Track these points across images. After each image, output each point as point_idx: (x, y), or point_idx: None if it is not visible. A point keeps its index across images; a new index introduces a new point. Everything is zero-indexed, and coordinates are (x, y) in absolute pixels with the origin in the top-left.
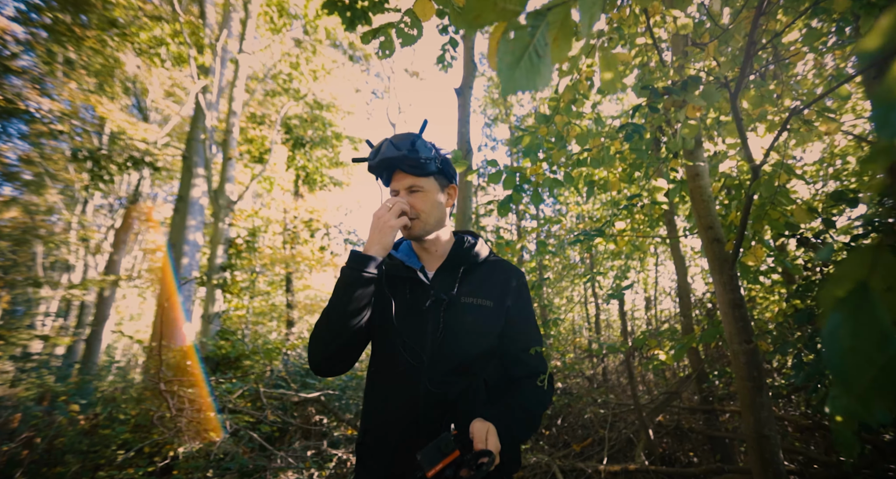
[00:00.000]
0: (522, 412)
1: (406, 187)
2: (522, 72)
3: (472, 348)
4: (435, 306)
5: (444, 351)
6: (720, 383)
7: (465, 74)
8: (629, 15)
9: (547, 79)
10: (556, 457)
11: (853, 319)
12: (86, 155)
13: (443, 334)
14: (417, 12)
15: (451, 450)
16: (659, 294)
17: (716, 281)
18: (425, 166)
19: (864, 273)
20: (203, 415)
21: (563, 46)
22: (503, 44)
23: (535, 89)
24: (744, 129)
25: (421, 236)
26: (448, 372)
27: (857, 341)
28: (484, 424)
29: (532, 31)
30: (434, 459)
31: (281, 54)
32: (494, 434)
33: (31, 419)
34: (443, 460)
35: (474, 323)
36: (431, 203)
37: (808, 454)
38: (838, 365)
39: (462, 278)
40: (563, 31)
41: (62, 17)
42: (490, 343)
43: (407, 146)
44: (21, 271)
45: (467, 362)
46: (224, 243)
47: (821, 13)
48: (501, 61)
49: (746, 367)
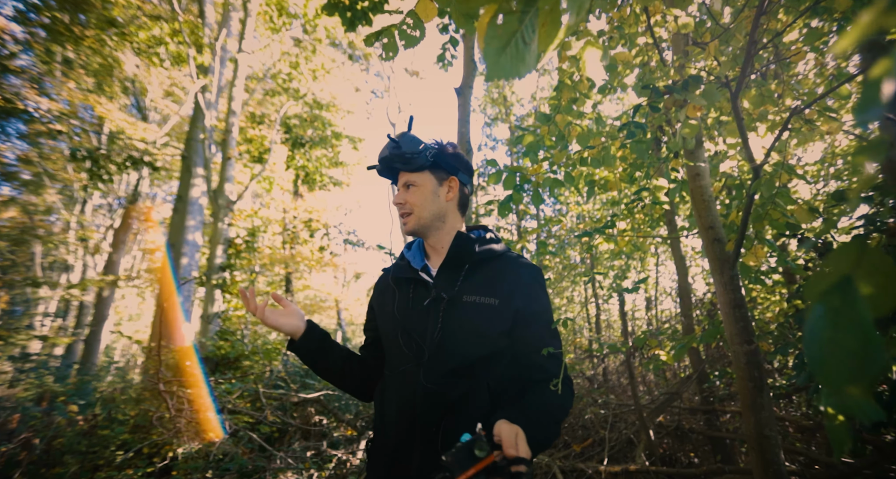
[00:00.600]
0: (546, 415)
1: (403, 184)
2: (508, 58)
3: (473, 349)
4: (434, 305)
5: (443, 351)
6: (721, 384)
7: (465, 74)
8: (630, 14)
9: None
10: (556, 458)
11: (834, 311)
12: (85, 155)
13: (440, 334)
14: (420, 13)
15: (486, 454)
16: (660, 294)
17: (716, 281)
18: (413, 161)
19: (849, 267)
20: (202, 416)
21: (552, 33)
22: (491, 29)
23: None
24: (745, 128)
25: (416, 231)
26: (447, 373)
27: (837, 333)
28: (512, 427)
29: (522, 16)
30: (465, 462)
31: (280, 54)
32: (524, 439)
33: (29, 420)
34: (475, 465)
35: (474, 323)
36: (424, 197)
37: (809, 455)
38: (816, 356)
39: (467, 276)
40: (552, 17)
41: (61, 17)
42: (494, 344)
43: (391, 144)
44: (20, 271)
45: (467, 364)
46: (223, 243)
47: (822, 12)
48: (488, 46)
49: (747, 367)
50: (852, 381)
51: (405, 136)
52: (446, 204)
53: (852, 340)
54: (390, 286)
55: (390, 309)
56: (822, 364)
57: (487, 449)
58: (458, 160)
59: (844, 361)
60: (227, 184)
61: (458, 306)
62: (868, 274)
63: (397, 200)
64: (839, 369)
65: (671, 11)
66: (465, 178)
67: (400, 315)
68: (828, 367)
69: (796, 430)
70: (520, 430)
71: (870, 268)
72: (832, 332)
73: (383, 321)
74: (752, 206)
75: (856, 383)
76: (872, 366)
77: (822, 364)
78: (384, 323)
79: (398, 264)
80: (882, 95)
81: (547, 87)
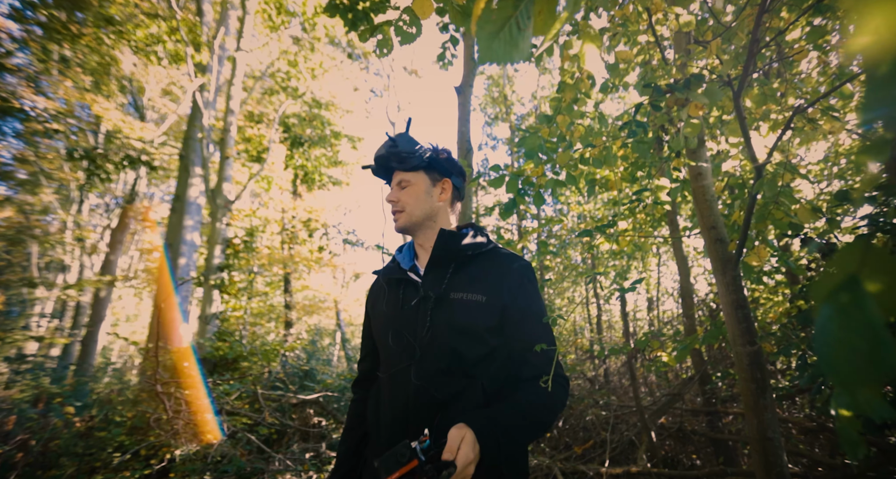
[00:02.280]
0: (519, 417)
1: (396, 182)
2: (501, 43)
3: (462, 346)
4: (422, 304)
5: (433, 349)
6: (723, 385)
7: (466, 72)
8: (631, 12)
9: (524, 53)
10: (557, 460)
11: (843, 311)
12: (81, 154)
13: (429, 332)
14: (416, 10)
15: (407, 460)
16: (661, 295)
17: (719, 282)
18: (408, 160)
19: (855, 267)
20: (200, 417)
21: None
22: (485, 13)
23: (512, 62)
24: (747, 128)
25: (407, 228)
26: (438, 372)
27: (846, 333)
28: (461, 430)
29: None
30: (391, 467)
31: (279, 52)
32: (469, 443)
33: (25, 422)
34: (399, 469)
35: (463, 320)
36: (417, 196)
37: (812, 457)
38: (827, 356)
39: (454, 273)
40: (548, 4)
41: (57, 14)
42: (484, 341)
43: (388, 143)
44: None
45: (459, 362)
46: (221, 243)
47: (825, 10)
48: (481, 30)
49: (750, 368)
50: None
51: (402, 136)
52: (438, 204)
53: (862, 340)
54: (382, 289)
55: (381, 310)
56: (834, 365)
57: (410, 455)
58: (452, 164)
59: (855, 361)
60: (225, 183)
61: (446, 304)
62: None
63: (391, 197)
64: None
65: (673, 9)
66: (458, 181)
67: (390, 316)
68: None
69: (799, 432)
70: (468, 434)
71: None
72: (842, 332)
73: (376, 324)
74: (754, 206)
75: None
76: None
77: (833, 365)
78: (377, 325)
79: (389, 266)
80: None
81: (548, 86)
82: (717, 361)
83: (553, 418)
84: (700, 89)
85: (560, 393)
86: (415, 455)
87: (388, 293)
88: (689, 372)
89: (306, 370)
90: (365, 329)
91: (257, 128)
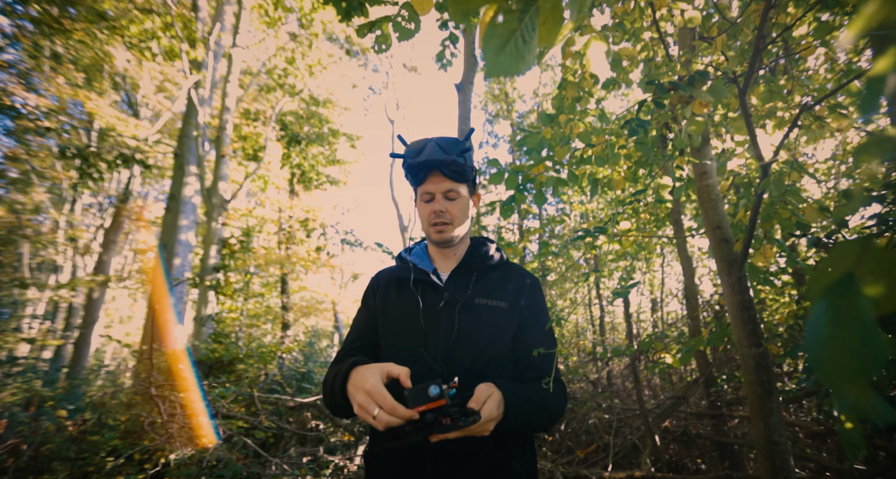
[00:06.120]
0: (539, 398)
1: (443, 191)
2: (507, 56)
3: (486, 350)
4: (448, 307)
5: (457, 352)
6: (729, 388)
7: (466, 70)
8: (634, 8)
9: (530, 64)
10: (559, 464)
11: (836, 307)
12: (74, 152)
13: (457, 335)
14: (415, 6)
15: (437, 398)
16: (665, 296)
17: (724, 282)
18: (467, 174)
19: (851, 264)
20: (195, 421)
21: (553, 30)
22: (490, 28)
23: (519, 74)
24: (753, 125)
25: (452, 242)
26: (462, 375)
27: (837, 329)
28: (489, 388)
29: (521, 15)
30: (419, 399)
31: (276, 49)
32: (495, 400)
33: (17, 426)
34: (427, 403)
35: (489, 323)
36: (463, 209)
37: (819, 461)
38: (816, 351)
39: (477, 280)
40: (553, 16)
41: (49, 9)
42: (505, 346)
43: (457, 152)
44: (7, 272)
45: (481, 365)
46: (217, 243)
47: (832, 5)
48: (487, 45)
49: (756, 371)
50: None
51: (470, 148)
52: (470, 218)
53: (852, 337)
54: (392, 288)
55: (397, 311)
56: (822, 361)
57: (441, 395)
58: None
59: (844, 358)
60: (220, 182)
61: (472, 309)
62: (871, 271)
63: (440, 207)
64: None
65: (677, 5)
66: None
67: (412, 317)
68: (827, 364)
69: (807, 435)
70: (496, 392)
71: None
72: (833, 329)
73: (391, 324)
74: (760, 205)
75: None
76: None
77: (821, 361)
78: (392, 325)
79: (404, 266)
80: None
81: (550, 82)
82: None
83: (558, 415)
84: (705, 86)
85: (561, 397)
86: (443, 395)
87: (406, 294)
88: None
89: (303, 373)
90: (361, 321)
91: (254, 126)
